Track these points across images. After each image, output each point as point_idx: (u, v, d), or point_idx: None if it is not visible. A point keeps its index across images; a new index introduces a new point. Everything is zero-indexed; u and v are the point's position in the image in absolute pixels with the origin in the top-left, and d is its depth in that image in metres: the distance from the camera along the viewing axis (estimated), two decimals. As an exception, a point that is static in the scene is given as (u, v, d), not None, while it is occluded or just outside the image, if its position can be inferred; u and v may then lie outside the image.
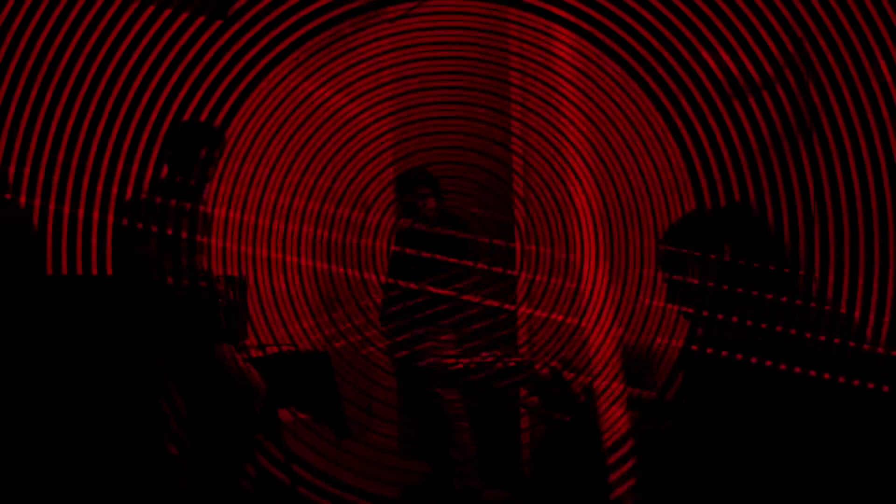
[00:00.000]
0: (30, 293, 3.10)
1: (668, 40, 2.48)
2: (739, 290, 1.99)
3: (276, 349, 3.86)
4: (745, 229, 2.06)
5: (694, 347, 2.08)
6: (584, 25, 2.45)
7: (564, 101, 2.53)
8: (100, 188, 2.92)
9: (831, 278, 2.34)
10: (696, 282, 2.02)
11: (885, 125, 2.40)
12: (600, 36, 2.45)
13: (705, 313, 2.03)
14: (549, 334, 2.70)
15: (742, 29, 2.45)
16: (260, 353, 3.83)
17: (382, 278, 3.90)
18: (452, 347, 3.78)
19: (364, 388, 2.88)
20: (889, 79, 2.36)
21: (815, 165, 2.41)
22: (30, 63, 2.73)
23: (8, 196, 3.02)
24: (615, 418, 2.33)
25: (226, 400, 3.53)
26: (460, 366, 2.23)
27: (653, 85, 2.50)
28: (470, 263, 3.65)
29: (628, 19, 2.48)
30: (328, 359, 3.91)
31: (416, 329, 3.92)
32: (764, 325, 1.97)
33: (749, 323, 1.99)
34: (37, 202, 2.92)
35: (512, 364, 2.36)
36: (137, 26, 2.71)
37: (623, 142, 2.70)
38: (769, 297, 1.99)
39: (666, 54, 2.49)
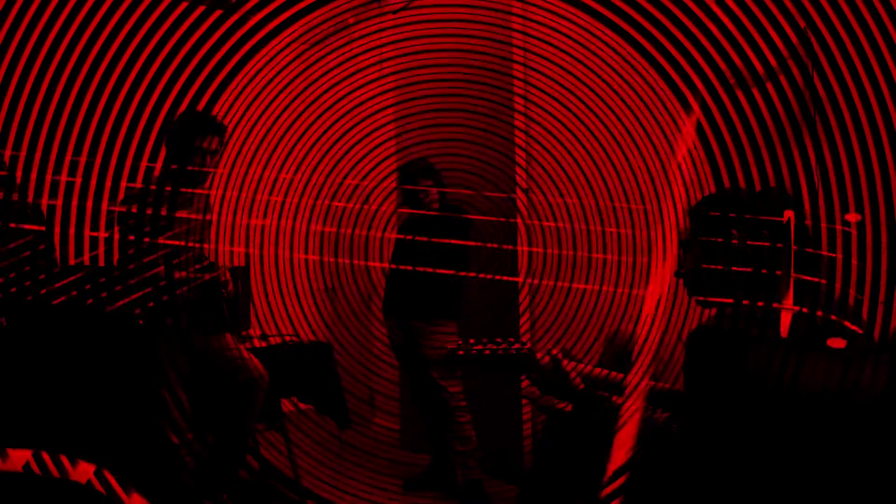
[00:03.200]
0: (40, 289, 3.12)
1: (681, 22, 2.45)
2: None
3: (278, 339, 3.87)
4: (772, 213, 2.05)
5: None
6: (591, 4, 2.43)
7: (568, 86, 2.52)
8: (108, 181, 2.92)
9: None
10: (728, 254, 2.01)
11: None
12: (608, 15, 2.43)
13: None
14: (549, 323, 2.70)
15: (756, 10, 2.42)
16: (262, 344, 3.84)
17: (385, 267, 3.91)
18: (454, 336, 3.79)
19: (366, 379, 2.89)
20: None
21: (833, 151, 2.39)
22: (27, 54, 2.72)
23: (14, 197, 3.02)
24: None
25: (228, 390, 3.54)
26: (461, 353, 2.23)
27: (667, 68, 2.47)
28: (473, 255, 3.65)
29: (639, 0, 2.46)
30: (330, 349, 3.92)
31: (418, 318, 3.93)
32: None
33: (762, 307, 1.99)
34: (43, 199, 2.92)
35: (512, 352, 2.36)
36: (137, 13, 2.70)
37: (629, 132, 2.70)
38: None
39: (679, 35, 2.46)
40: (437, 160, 3.60)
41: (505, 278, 2.98)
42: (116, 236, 3.15)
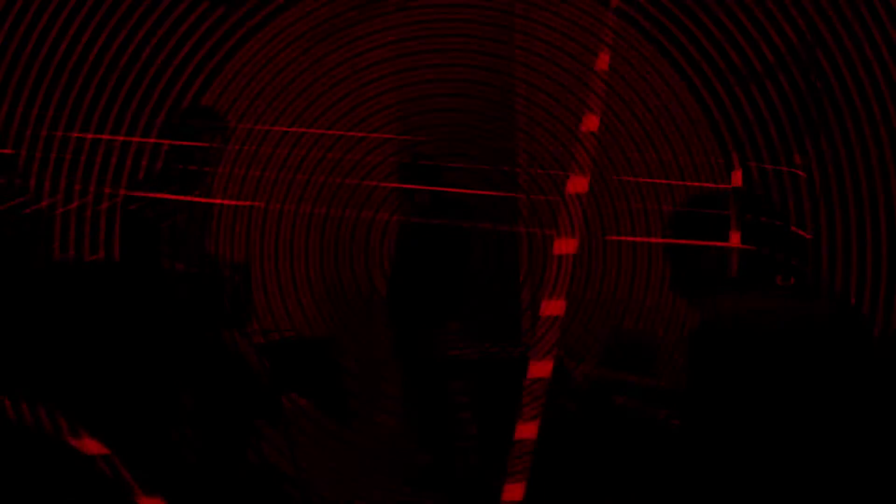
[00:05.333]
0: (38, 278, 3.11)
1: (694, 14, 2.43)
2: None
3: (279, 335, 3.86)
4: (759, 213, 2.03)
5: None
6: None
7: (569, 75, 2.50)
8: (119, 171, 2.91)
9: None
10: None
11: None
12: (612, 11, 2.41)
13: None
14: (554, 324, 2.68)
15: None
16: (264, 339, 3.83)
17: (387, 265, 3.90)
18: (456, 338, 3.78)
19: (368, 376, 2.87)
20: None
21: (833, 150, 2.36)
22: (32, 43, 2.71)
23: (18, 181, 3.02)
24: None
25: (229, 385, 3.53)
26: (461, 360, 2.21)
27: (666, 57, 2.45)
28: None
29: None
30: (332, 345, 3.90)
31: (420, 321, 3.92)
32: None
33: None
34: (45, 185, 2.91)
35: (514, 356, 2.34)
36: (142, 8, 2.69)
37: (634, 122, 2.68)
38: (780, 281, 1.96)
39: (692, 27, 2.43)
40: (437, 151, 3.57)
41: (506, 273, 2.96)
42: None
